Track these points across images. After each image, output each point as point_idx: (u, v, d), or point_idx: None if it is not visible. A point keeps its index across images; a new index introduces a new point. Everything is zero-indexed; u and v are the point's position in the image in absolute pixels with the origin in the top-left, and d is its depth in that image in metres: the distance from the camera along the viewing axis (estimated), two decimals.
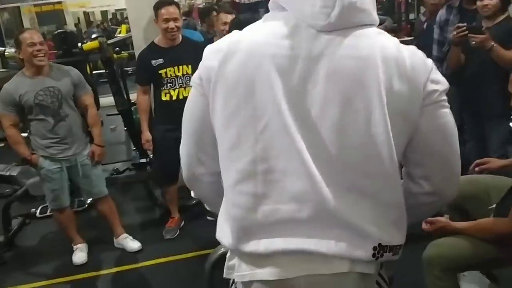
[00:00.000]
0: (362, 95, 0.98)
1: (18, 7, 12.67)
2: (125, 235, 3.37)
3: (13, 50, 6.05)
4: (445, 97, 1.05)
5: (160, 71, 3.19)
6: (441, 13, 3.49)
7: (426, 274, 2.02)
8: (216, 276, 2.11)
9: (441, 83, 1.04)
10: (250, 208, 1.04)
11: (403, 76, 0.99)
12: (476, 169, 2.28)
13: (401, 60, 0.99)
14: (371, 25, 1.03)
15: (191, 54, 3.14)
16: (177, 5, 3.37)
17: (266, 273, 1.04)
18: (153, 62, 3.20)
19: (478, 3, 2.95)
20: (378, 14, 1.07)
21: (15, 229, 3.75)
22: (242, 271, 1.08)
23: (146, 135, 3.35)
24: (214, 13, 4.35)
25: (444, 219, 2.04)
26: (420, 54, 1.04)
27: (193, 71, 3.18)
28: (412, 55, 1.02)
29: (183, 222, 3.45)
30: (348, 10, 0.98)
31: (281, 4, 1.05)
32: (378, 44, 1.00)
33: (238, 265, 1.09)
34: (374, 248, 1.02)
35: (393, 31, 3.62)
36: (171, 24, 3.15)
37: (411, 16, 7.23)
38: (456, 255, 1.92)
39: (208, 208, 1.39)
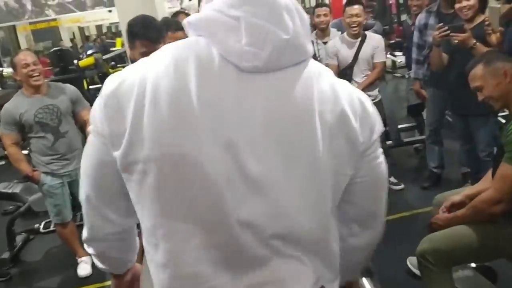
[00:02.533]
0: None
1: (14, 25, 12.79)
2: None
3: (10, 70, 6.14)
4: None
5: None
6: (420, 17, 3.58)
7: (420, 268, 2.08)
8: None
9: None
10: None
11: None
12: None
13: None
14: (304, 60, 0.88)
15: None
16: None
17: None
18: None
19: (457, 5, 2.97)
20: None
21: (20, 245, 3.80)
22: None
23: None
24: None
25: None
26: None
27: None
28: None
29: None
30: (280, 49, 0.81)
31: (199, 31, 0.86)
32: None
33: None
34: None
35: (384, 34, 3.69)
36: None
37: (403, 17, 7.32)
38: (447, 246, 1.97)
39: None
